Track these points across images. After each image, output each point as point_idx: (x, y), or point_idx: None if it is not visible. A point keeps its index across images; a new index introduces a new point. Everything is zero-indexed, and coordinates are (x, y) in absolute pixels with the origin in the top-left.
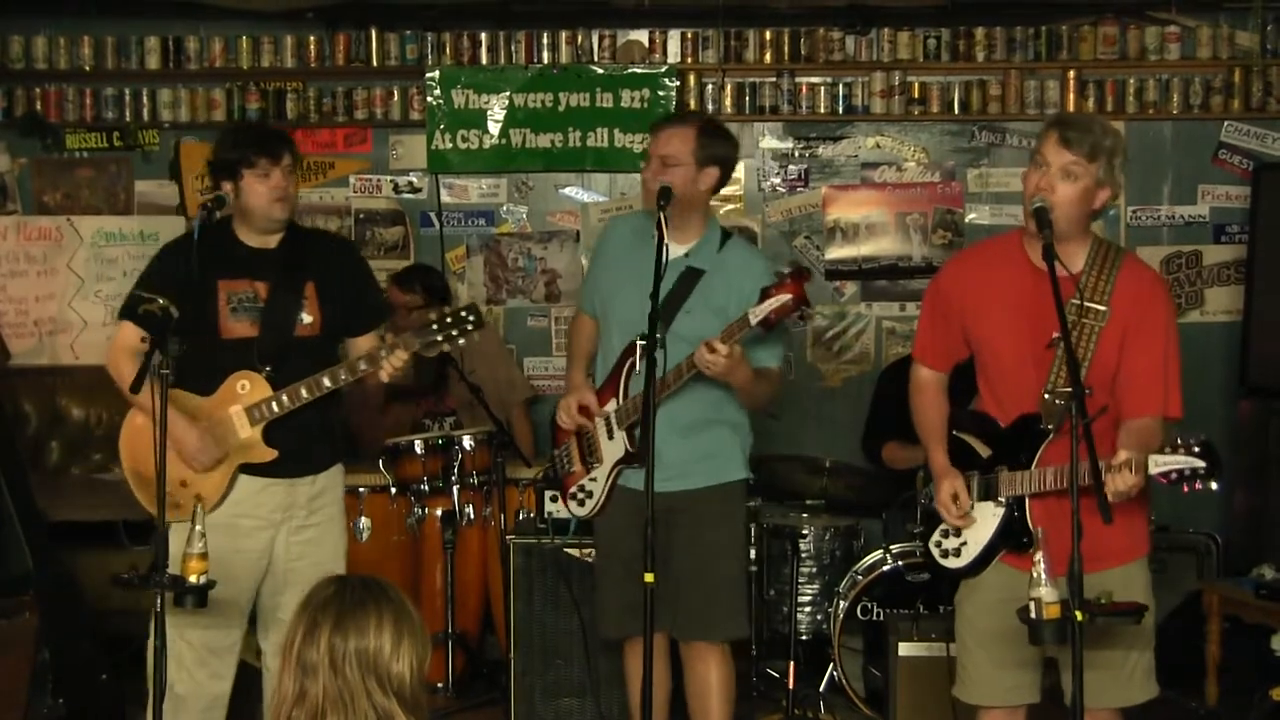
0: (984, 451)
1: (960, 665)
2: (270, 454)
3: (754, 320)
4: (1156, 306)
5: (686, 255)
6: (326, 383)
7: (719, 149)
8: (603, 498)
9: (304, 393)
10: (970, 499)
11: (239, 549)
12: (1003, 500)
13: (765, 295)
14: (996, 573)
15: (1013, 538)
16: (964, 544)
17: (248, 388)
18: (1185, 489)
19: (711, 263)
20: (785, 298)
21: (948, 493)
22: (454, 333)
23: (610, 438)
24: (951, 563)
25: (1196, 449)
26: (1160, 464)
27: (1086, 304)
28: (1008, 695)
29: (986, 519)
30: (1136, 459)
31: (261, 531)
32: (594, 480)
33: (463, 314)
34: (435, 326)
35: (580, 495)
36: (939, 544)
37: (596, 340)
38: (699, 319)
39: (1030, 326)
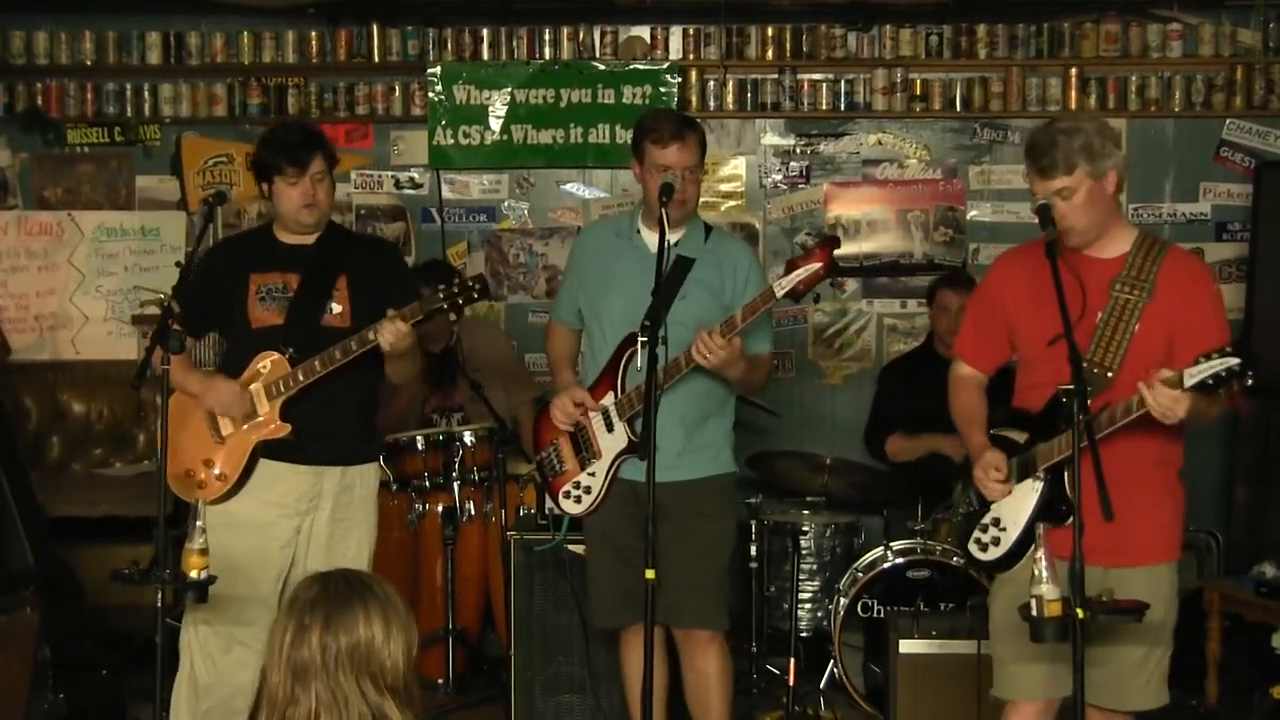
0: (1020, 438)
1: (994, 662)
2: (284, 428)
3: (780, 291)
4: (1202, 285)
5: (675, 245)
6: (337, 354)
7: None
8: (603, 492)
9: (317, 365)
10: (1010, 474)
11: (264, 539)
12: (1040, 475)
13: (791, 267)
14: (1027, 569)
15: (1053, 508)
16: (1003, 531)
17: (269, 367)
18: (1223, 394)
19: (700, 251)
20: (815, 266)
21: (989, 462)
22: (459, 300)
23: (610, 430)
24: (991, 554)
25: (1228, 349)
26: (1195, 374)
27: (1129, 283)
28: (1038, 690)
29: (1026, 496)
30: (1172, 376)
31: (286, 520)
32: (592, 475)
33: (470, 283)
34: (441, 294)
35: (576, 493)
36: (978, 540)
37: (575, 347)
38: (696, 303)
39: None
